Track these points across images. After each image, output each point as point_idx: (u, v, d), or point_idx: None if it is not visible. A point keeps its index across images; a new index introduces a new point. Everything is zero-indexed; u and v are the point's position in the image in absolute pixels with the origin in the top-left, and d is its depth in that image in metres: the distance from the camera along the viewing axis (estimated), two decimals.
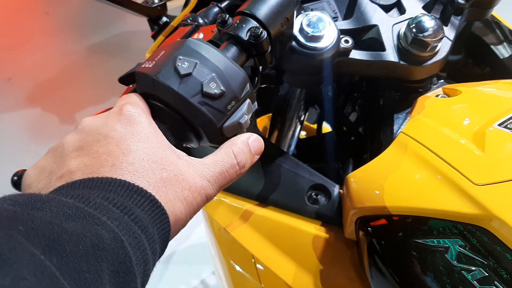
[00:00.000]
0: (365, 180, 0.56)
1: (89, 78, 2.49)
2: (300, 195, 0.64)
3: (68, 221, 0.29)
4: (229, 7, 0.69)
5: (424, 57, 0.60)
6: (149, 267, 0.34)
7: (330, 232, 0.62)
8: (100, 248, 0.29)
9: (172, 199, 0.37)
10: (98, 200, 0.32)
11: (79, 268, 0.27)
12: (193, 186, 0.39)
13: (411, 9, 0.64)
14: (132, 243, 0.32)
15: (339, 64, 0.60)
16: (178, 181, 0.38)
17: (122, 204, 0.33)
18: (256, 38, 0.48)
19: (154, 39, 0.81)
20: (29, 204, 0.29)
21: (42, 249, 0.26)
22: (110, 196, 0.33)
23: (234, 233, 0.65)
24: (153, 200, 0.35)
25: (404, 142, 0.54)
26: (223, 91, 0.42)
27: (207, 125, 0.43)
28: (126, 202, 0.33)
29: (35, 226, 0.27)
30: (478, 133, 0.51)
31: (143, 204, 0.34)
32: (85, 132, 0.39)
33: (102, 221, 0.31)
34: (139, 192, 0.35)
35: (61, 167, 0.37)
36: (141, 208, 0.34)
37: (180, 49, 0.44)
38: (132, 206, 0.33)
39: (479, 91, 0.61)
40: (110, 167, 0.36)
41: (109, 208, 0.32)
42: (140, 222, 0.33)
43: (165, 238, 0.36)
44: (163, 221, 0.35)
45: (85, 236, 0.29)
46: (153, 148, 0.38)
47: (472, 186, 0.45)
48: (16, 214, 0.27)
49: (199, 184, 0.39)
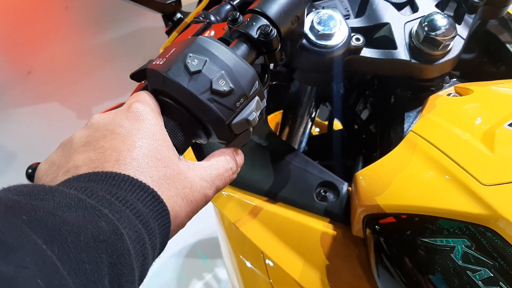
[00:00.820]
0: (373, 178, 0.56)
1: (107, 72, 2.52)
2: (309, 192, 0.64)
3: (70, 212, 0.30)
4: (241, 5, 0.69)
5: (436, 55, 0.59)
6: (147, 261, 0.34)
7: (338, 229, 0.62)
8: (100, 240, 0.30)
9: (173, 195, 0.38)
10: (101, 193, 0.33)
11: (79, 258, 0.28)
12: (193, 185, 0.40)
13: (424, 7, 0.64)
14: (132, 236, 0.32)
15: (349, 62, 0.60)
16: (180, 180, 0.39)
17: (124, 198, 0.34)
18: (266, 36, 0.49)
19: (168, 35, 0.82)
20: (33, 195, 0.30)
21: (44, 239, 0.27)
22: (113, 190, 0.34)
23: (243, 228, 0.66)
24: (155, 195, 0.36)
25: (414, 140, 0.54)
26: (232, 88, 0.43)
27: (215, 122, 0.44)
28: (129, 196, 0.34)
29: (38, 216, 0.28)
30: (488, 132, 0.50)
31: (146, 199, 0.35)
32: (93, 128, 0.40)
33: (103, 213, 0.31)
34: (141, 187, 0.35)
35: (68, 162, 0.38)
36: (143, 203, 0.35)
37: (190, 46, 0.45)
38: (134, 201, 0.34)
39: (491, 91, 0.61)
40: (115, 161, 0.36)
41: (111, 201, 0.33)
42: (141, 217, 0.34)
43: (165, 234, 0.36)
44: (164, 216, 0.36)
45: (86, 227, 0.29)
46: (157, 145, 0.39)
47: (480, 186, 0.45)
48: (20, 204, 0.28)
49: (199, 184, 0.41)
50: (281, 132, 0.88)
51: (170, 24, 0.81)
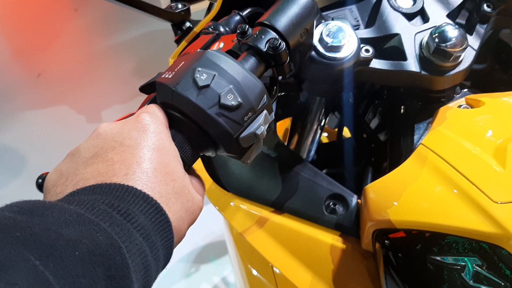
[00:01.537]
0: (383, 192, 0.55)
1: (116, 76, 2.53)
2: (318, 204, 0.64)
3: (68, 227, 0.31)
4: (250, 15, 0.69)
5: (446, 67, 0.59)
6: (150, 273, 0.35)
7: (347, 243, 0.62)
8: (96, 254, 0.30)
9: (179, 209, 0.39)
10: (102, 207, 0.33)
11: (74, 273, 0.28)
12: (195, 199, 0.42)
13: (435, 17, 0.63)
14: (131, 249, 0.33)
15: (359, 73, 0.60)
16: (185, 193, 0.40)
17: (126, 211, 0.34)
18: (275, 49, 0.49)
19: (178, 44, 0.82)
20: (33, 211, 0.31)
21: (39, 254, 0.27)
22: (116, 202, 0.34)
23: (250, 238, 0.65)
24: (158, 207, 0.36)
25: (424, 154, 0.54)
26: (240, 102, 0.43)
27: (223, 136, 0.44)
28: (131, 209, 0.35)
29: (33, 232, 0.29)
30: (499, 148, 0.50)
31: (148, 211, 0.36)
32: (102, 138, 0.40)
33: (101, 228, 0.32)
34: (145, 198, 0.36)
35: (77, 174, 0.38)
36: (145, 215, 0.35)
37: (199, 60, 0.45)
38: (136, 213, 0.35)
39: (503, 103, 0.60)
40: (124, 175, 0.37)
41: (112, 215, 0.33)
42: (142, 230, 0.34)
43: (168, 246, 0.37)
44: (166, 228, 0.37)
45: (82, 242, 0.30)
46: (166, 158, 0.40)
47: (491, 203, 0.45)
48: (15, 221, 0.29)
49: (198, 198, 0.42)
50: (290, 140, 0.87)
51: (179, 33, 0.81)
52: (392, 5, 0.64)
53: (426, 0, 0.64)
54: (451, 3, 0.65)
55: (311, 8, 0.52)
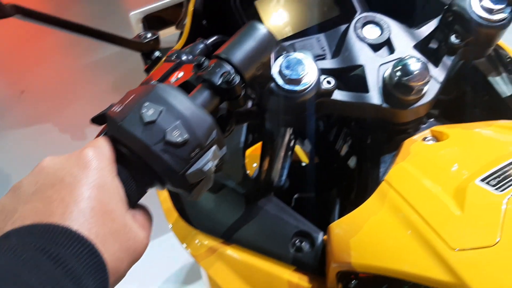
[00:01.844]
0: (346, 233, 0.53)
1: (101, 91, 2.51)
2: (284, 242, 0.62)
3: None
4: (215, 43, 0.68)
5: (409, 100, 0.57)
6: None
7: (313, 282, 0.59)
8: None
9: (116, 250, 0.38)
10: (31, 253, 0.33)
11: None
12: (137, 237, 0.40)
13: (401, 48, 0.62)
14: None
15: (321, 105, 0.58)
16: (125, 232, 0.39)
17: (57, 255, 0.33)
18: (229, 83, 0.48)
19: (147, 73, 0.81)
20: None
21: None
22: (47, 246, 0.34)
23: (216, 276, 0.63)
24: (92, 249, 0.35)
25: (385, 191, 0.52)
26: (186, 139, 0.42)
27: (169, 173, 0.43)
28: (63, 252, 0.34)
29: None
30: (460, 188, 0.48)
31: (81, 253, 0.35)
32: (44, 174, 0.40)
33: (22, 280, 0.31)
34: (79, 240, 0.35)
35: (16, 211, 0.37)
36: (77, 258, 0.34)
37: (147, 95, 0.44)
38: (68, 257, 0.34)
39: (468, 135, 0.59)
40: (60, 215, 0.36)
41: (41, 261, 0.33)
42: (72, 274, 0.33)
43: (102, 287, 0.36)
44: (99, 270, 0.36)
45: None
46: (106, 196, 0.39)
47: (448, 250, 0.43)
48: None
49: (142, 235, 0.41)
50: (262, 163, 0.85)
51: (149, 62, 0.80)
52: (358, 35, 0.63)
53: (393, 31, 0.63)
54: (418, 34, 0.64)
55: (268, 42, 0.51)
